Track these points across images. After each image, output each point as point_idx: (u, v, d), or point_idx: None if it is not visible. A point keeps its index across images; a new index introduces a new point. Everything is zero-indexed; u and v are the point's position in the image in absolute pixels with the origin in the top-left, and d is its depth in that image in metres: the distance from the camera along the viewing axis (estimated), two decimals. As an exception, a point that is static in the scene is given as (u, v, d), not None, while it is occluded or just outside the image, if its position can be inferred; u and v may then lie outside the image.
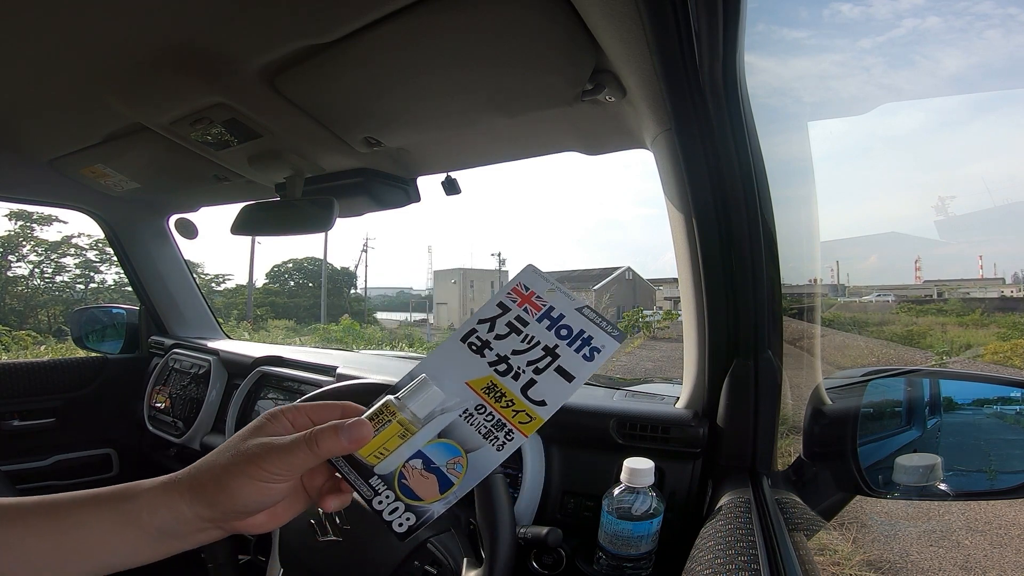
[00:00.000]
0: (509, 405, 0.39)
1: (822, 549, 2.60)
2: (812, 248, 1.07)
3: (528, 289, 0.43)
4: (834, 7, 61.81)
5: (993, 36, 52.40)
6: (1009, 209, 31.65)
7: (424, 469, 0.38)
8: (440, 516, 0.37)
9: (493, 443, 0.38)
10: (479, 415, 0.39)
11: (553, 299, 0.42)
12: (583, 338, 0.41)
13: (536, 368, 0.40)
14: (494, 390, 0.40)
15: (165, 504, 0.35)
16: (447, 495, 0.37)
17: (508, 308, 0.42)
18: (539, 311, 0.42)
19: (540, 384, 0.39)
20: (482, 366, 0.40)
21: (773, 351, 0.70)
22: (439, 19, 0.57)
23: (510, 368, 0.40)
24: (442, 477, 0.38)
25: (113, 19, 0.63)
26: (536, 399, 0.39)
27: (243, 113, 0.80)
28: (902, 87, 75.42)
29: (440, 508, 0.38)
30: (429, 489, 0.38)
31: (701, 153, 0.65)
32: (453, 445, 0.38)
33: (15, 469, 1.45)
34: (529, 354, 0.40)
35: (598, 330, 0.41)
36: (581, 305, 0.42)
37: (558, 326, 0.41)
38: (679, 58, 0.55)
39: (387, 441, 0.37)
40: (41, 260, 17.88)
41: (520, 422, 0.39)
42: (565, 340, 0.41)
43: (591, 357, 0.40)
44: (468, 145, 0.95)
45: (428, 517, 0.37)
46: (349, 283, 30.31)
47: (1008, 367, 7.66)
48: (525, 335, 0.41)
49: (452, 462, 0.38)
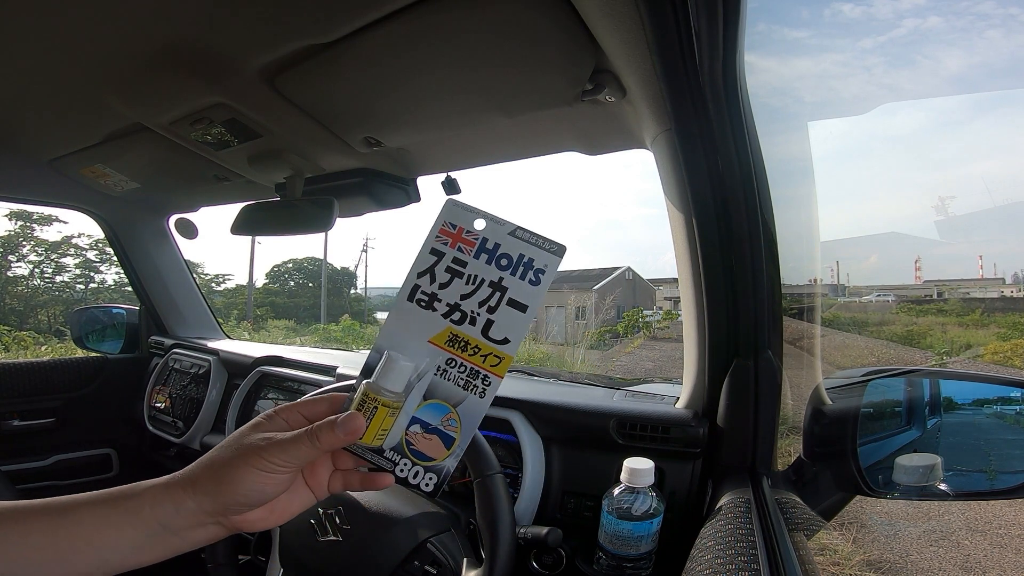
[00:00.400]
0: (476, 352, 0.40)
1: (822, 549, 2.60)
2: (812, 248, 1.07)
3: (456, 227, 0.41)
4: (835, 7, 61.79)
5: (994, 36, 52.38)
6: (1009, 209, 31.65)
7: (424, 432, 0.39)
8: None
9: (474, 391, 0.39)
10: (452, 368, 0.40)
11: (484, 230, 0.41)
12: (524, 263, 0.40)
13: (488, 307, 0.40)
14: (457, 340, 0.40)
15: (168, 497, 0.36)
16: (453, 449, 0.39)
17: (442, 253, 0.41)
18: (473, 247, 0.41)
19: (497, 322, 0.40)
20: (437, 320, 0.40)
21: (773, 351, 0.70)
22: (439, 19, 0.57)
23: (464, 315, 0.40)
24: (442, 435, 0.39)
25: (113, 19, 0.63)
26: (498, 338, 0.39)
27: (243, 113, 0.80)
28: (903, 87, 75.40)
29: (452, 463, 0.39)
30: (436, 448, 0.39)
31: (701, 153, 0.65)
32: (441, 403, 0.40)
33: (15, 469, 1.45)
34: (477, 295, 0.40)
35: (537, 250, 0.40)
36: (513, 228, 0.41)
37: (496, 257, 0.40)
38: (679, 58, 0.55)
39: (381, 424, 0.38)
40: (41, 260, 17.88)
41: (491, 365, 0.39)
42: (508, 270, 0.40)
43: (537, 280, 0.40)
44: (468, 145, 0.95)
45: (446, 473, 0.39)
46: (349, 283, 30.31)
47: (1008, 367, 7.66)
48: (467, 276, 0.40)
49: (446, 419, 0.40)
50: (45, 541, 0.34)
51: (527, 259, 0.40)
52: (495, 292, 0.40)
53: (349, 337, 14.25)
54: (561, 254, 0.40)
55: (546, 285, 0.40)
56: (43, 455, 1.52)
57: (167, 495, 0.36)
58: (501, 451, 0.85)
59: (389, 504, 0.75)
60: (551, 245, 0.40)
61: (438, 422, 0.39)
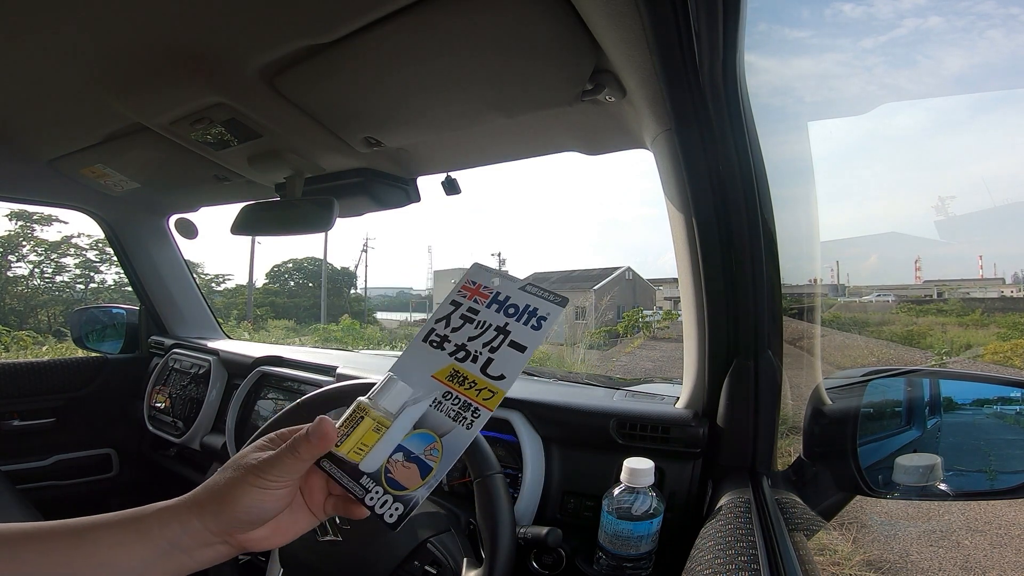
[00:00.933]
0: (472, 386, 0.42)
1: (822, 549, 2.60)
2: (812, 248, 1.07)
3: (475, 283, 0.47)
4: (836, 7, 61.78)
5: (995, 36, 52.36)
6: (1009, 209, 31.65)
7: (405, 460, 0.41)
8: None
9: (462, 423, 0.41)
10: (447, 401, 0.42)
11: (499, 286, 0.46)
12: (529, 311, 0.44)
13: (491, 347, 0.43)
14: (457, 376, 0.43)
15: (174, 518, 0.37)
16: (428, 479, 0.40)
17: (460, 303, 0.46)
18: (487, 299, 0.46)
19: (496, 360, 0.43)
20: (443, 358, 0.44)
21: (773, 351, 0.70)
22: (439, 19, 0.57)
23: (468, 353, 0.44)
24: (421, 464, 0.41)
25: (113, 19, 0.63)
26: (495, 375, 0.42)
27: (243, 113, 0.80)
28: (904, 87, 75.44)
29: (423, 493, 0.40)
30: (412, 478, 0.40)
31: (701, 153, 0.65)
32: (428, 433, 0.41)
33: (15, 469, 1.45)
34: (483, 337, 0.44)
35: (541, 301, 0.45)
36: (523, 284, 0.46)
37: (506, 307, 0.45)
38: (679, 58, 0.55)
39: (364, 436, 0.40)
40: (41, 260, 17.88)
41: (484, 399, 0.42)
42: (513, 317, 0.44)
43: (538, 326, 0.44)
44: (468, 145, 0.95)
45: (414, 503, 0.40)
46: (349, 283, 30.31)
47: (1008, 367, 7.66)
48: (477, 322, 0.45)
49: (428, 448, 0.41)
50: (62, 561, 0.35)
51: (532, 308, 0.44)
52: (499, 335, 0.44)
53: (349, 337, 14.26)
54: (563, 305, 0.45)
55: (546, 331, 0.44)
56: (43, 455, 1.52)
57: (174, 516, 0.38)
58: (501, 451, 0.85)
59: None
60: (555, 298, 0.45)
61: (421, 451, 0.41)
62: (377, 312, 31.16)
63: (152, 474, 1.64)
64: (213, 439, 1.33)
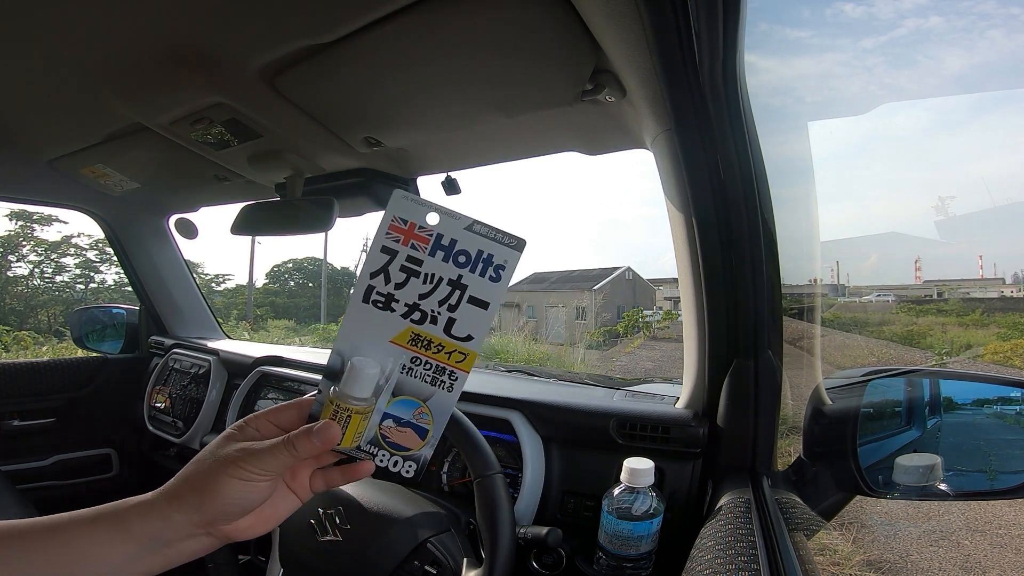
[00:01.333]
0: (440, 349, 0.39)
1: (822, 549, 2.60)
2: (812, 248, 1.07)
3: (407, 222, 0.39)
4: (837, 7, 61.76)
5: (995, 36, 52.34)
6: (1009, 209, 31.65)
7: (398, 426, 0.40)
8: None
9: (442, 387, 0.39)
10: (417, 367, 0.39)
11: (438, 225, 0.39)
12: (483, 259, 0.39)
13: (449, 305, 0.39)
14: (420, 340, 0.39)
15: (154, 512, 0.37)
16: (428, 439, 0.40)
17: (395, 251, 0.39)
18: (428, 244, 0.39)
19: (459, 320, 0.39)
20: (396, 321, 0.39)
21: (773, 351, 0.70)
22: (439, 19, 0.57)
23: (424, 314, 0.39)
24: (416, 427, 0.40)
25: (113, 19, 0.63)
26: (461, 336, 0.39)
27: (243, 113, 0.80)
28: (904, 87, 75.31)
29: (428, 451, 0.40)
30: (411, 440, 0.40)
31: (701, 153, 0.65)
32: (411, 399, 0.40)
33: (15, 469, 1.45)
34: (436, 293, 0.39)
35: (496, 245, 0.39)
36: (469, 223, 0.39)
37: (454, 254, 0.39)
38: (679, 58, 0.55)
39: (357, 428, 0.39)
40: (41, 260, 17.88)
41: (456, 362, 0.39)
42: (466, 267, 0.39)
43: (497, 277, 0.39)
44: (468, 145, 0.95)
45: (424, 460, 0.40)
46: (349, 283, 30.30)
47: (1008, 367, 7.66)
48: (424, 275, 0.39)
49: (417, 412, 0.40)
50: (42, 559, 0.35)
51: (486, 255, 0.39)
52: (455, 290, 0.39)
53: (349, 337, 14.19)
54: (521, 248, 0.39)
55: (507, 281, 0.39)
56: (43, 455, 1.52)
57: (152, 510, 0.37)
58: (501, 451, 0.85)
59: (389, 504, 0.75)
60: (510, 239, 0.39)
61: (410, 416, 0.40)
62: (377, 312, 31.05)
63: (152, 474, 1.64)
64: (213, 439, 1.33)
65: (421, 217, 0.39)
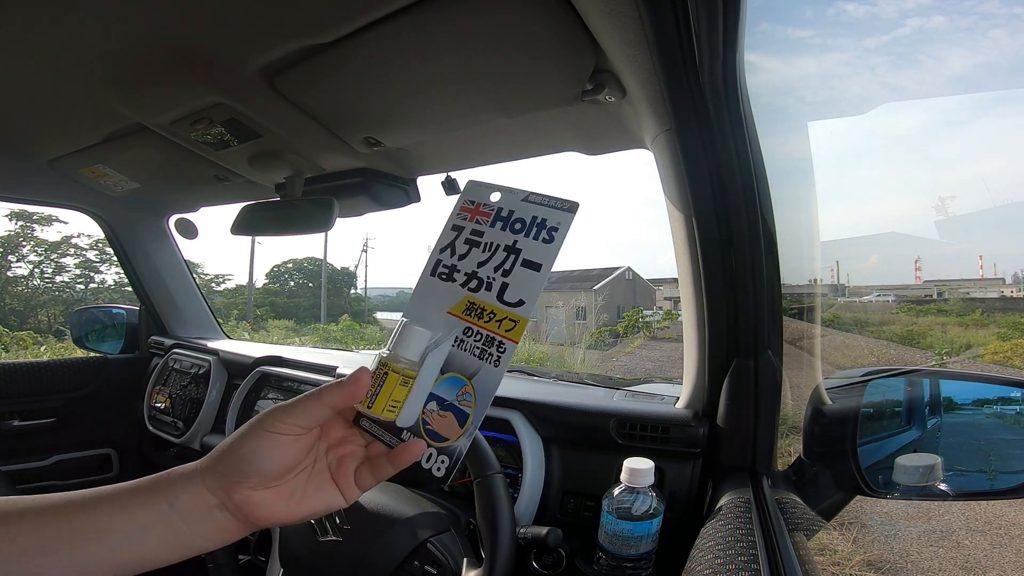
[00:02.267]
0: (492, 317, 0.39)
1: (822, 549, 2.60)
2: (812, 248, 1.07)
3: (474, 203, 0.43)
4: (838, 6, 61.67)
5: (998, 35, 52.25)
6: (1009, 209, 31.64)
7: (440, 409, 0.39)
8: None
9: (488, 360, 0.39)
10: (469, 338, 0.39)
11: (500, 201, 0.42)
12: (537, 223, 0.41)
13: (504, 271, 0.40)
14: (474, 308, 0.40)
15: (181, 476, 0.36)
16: (466, 427, 0.38)
17: (462, 227, 0.43)
18: (490, 217, 0.42)
19: (512, 284, 0.40)
20: (456, 291, 0.41)
21: (773, 351, 0.70)
22: (439, 19, 0.57)
23: (481, 281, 0.40)
24: (457, 411, 0.39)
25: (113, 19, 0.63)
26: (513, 301, 0.39)
27: (243, 113, 0.80)
28: (906, 87, 75.06)
29: (465, 443, 0.38)
30: (450, 427, 0.39)
31: (701, 153, 0.65)
32: (457, 376, 0.39)
33: (15, 469, 1.45)
34: (493, 260, 0.41)
35: (549, 210, 0.41)
36: (525, 194, 0.42)
37: (511, 222, 0.41)
38: (679, 58, 0.55)
39: (393, 392, 0.37)
40: (41, 260, 17.89)
41: (506, 330, 0.39)
42: (521, 233, 0.41)
43: (550, 238, 0.40)
44: (468, 145, 0.95)
45: (458, 455, 0.38)
46: (349, 283, 30.31)
47: (1008, 367, 7.66)
48: (484, 244, 0.41)
49: (461, 393, 0.39)
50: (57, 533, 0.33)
51: (540, 219, 0.41)
52: (509, 255, 0.40)
53: (349, 337, 14.27)
54: (574, 211, 0.40)
55: (560, 242, 0.40)
56: (43, 455, 1.51)
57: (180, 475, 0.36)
58: (501, 451, 0.85)
59: (389, 504, 0.75)
60: (563, 203, 0.41)
61: (454, 397, 0.39)
62: (377, 312, 31.14)
63: (152, 474, 1.64)
64: (213, 439, 1.33)
65: (486, 197, 0.43)
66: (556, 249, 0.39)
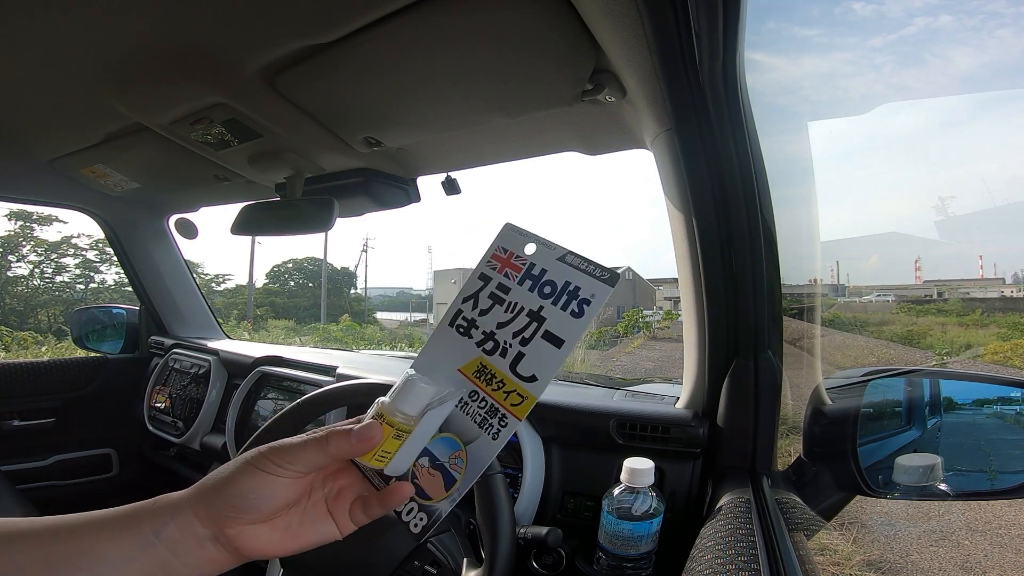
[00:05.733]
0: (500, 387, 0.36)
1: (822, 549, 2.60)
2: (812, 248, 1.07)
3: (507, 251, 0.39)
4: (838, 6, 61.56)
5: (1005, 35, 52.04)
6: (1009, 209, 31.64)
7: (431, 467, 0.37)
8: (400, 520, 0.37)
9: (488, 431, 0.36)
10: (473, 403, 0.37)
11: (534, 255, 0.38)
12: (569, 291, 0.36)
13: (522, 339, 0.36)
14: (484, 372, 0.37)
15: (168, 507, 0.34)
16: (451, 492, 0.36)
17: (489, 278, 0.39)
18: (520, 272, 0.38)
19: (528, 356, 0.36)
20: (470, 348, 0.38)
21: (773, 351, 0.70)
22: (439, 19, 0.57)
23: (496, 345, 0.37)
24: (446, 473, 0.37)
25: (113, 19, 0.63)
26: (526, 375, 0.36)
27: (243, 113, 0.80)
28: (911, 86, 74.70)
29: (447, 507, 0.36)
30: (436, 487, 0.37)
31: (701, 153, 0.65)
32: (453, 439, 0.37)
33: (15, 469, 1.45)
34: (513, 324, 0.37)
35: (585, 278, 0.36)
36: (563, 253, 0.37)
37: (540, 284, 0.37)
38: (679, 58, 0.55)
39: (384, 444, 0.36)
40: (41, 260, 17.88)
41: (512, 404, 0.36)
42: (549, 299, 0.36)
43: (580, 312, 0.35)
44: (468, 145, 0.95)
45: (437, 516, 0.36)
46: (349, 283, 30.31)
47: (1008, 367, 7.66)
48: (508, 303, 0.38)
49: (453, 456, 0.37)
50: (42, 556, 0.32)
51: (572, 287, 0.36)
52: (532, 322, 0.37)
53: (349, 337, 14.28)
54: (613, 283, 0.36)
55: (589, 319, 0.35)
56: (43, 455, 1.52)
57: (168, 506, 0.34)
58: (501, 451, 0.85)
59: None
60: (602, 272, 0.36)
61: (446, 459, 0.37)
62: (377, 312, 31.17)
63: (152, 474, 1.64)
64: (213, 439, 1.33)
65: (520, 247, 0.39)
66: (584, 325, 0.35)
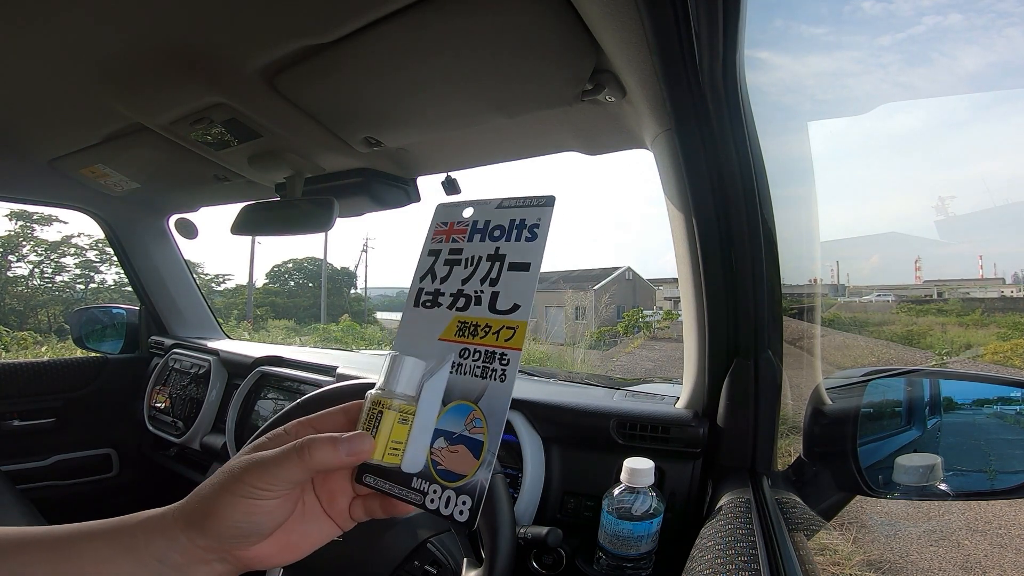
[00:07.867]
0: (487, 331, 0.36)
1: (822, 549, 2.60)
2: (812, 248, 1.07)
3: (447, 223, 0.41)
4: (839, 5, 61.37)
5: (1013, 34, 51.84)
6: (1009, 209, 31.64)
7: (449, 445, 0.35)
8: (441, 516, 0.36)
9: (493, 377, 0.35)
10: (466, 360, 0.36)
11: (473, 215, 0.40)
12: (516, 225, 0.38)
13: (491, 280, 0.37)
14: (466, 327, 0.37)
15: (160, 532, 0.32)
16: (483, 457, 0.34)
17: (439, 250, 0.40)
18: (466, 232, 0.40)
19: (503, 292, 0.36)
20: (443, 315, 0.38)
21: (773, 351, 0.70)
22: (439, 19, 0.57)
23: (469, 298, 0.37)
24: (469, 441, 0.34)
25: (113, 20, 0.63)
26: (507, 308, 0.36)
27: (243, 113, 0.80)
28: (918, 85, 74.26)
29: (484, 475, 0.33)
30: (465, 461, 0.34)
31: (701, 153, 0.65)
32: (461, 404, 0.35)
33: (15, 469, 1.45)
34: (477, 272, 0.38)
35: (526, 210, 0.38)
36: (498, 202, 0.40)
37: (489, 231, 0.39)
38: (679, 58, 0.55)
39: (392, 433, 0.34)
40: (41, 260, 17.88)
41: (505, 340, 0.35)
42: (502, 238, 0.38)
43: (533, 236, 0.37)
44: (468, 145, 0.95)
45: (480, 491, 0.33)
46: (349, 283, 30.30)
47: (1008, 367, 7.67)
48: (465, 259, 0.39)
49: (469, 420, 0.35)
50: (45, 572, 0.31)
51: (519, 220, 0.38)
52: (494, 263, 0.38)
53: (349, 337, 14.28)
54: (551, 204, 0.38)
55: (544, 238, 0.37)
56: (43, 455, 1.52)
57: (159, 529, 0.32)
58: (501, 451, 0.85)
59: (389, 504, 0.75)
60: (538, 200, 0.38)
61: (462, 427, 0.35)
62: (377, 312, 31.13)
63: (152, 474, 1.64)
64: (213, 439, 1.33)
65: (458, 215, 0.41)
66: (542, 245, 0.37)
